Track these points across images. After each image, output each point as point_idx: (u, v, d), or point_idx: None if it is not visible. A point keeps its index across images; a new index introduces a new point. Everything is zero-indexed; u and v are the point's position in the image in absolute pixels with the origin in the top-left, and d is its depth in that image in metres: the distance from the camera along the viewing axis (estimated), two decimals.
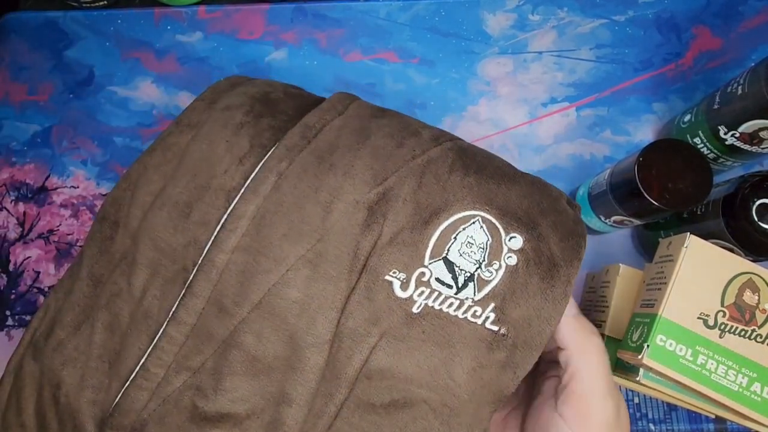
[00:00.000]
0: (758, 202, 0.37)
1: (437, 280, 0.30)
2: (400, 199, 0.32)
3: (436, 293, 0.30)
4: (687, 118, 0.45)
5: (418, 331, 0.30)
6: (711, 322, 0.34)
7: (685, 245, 0.35)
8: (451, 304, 0.30)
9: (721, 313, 0.34)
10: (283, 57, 0.54)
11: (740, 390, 0.33)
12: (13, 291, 0.48)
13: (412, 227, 0.31)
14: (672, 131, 0.48)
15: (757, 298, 0.35)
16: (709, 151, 0.43)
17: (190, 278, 0.31)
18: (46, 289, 0.49)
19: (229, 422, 0.29)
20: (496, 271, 0.31)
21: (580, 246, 0.32)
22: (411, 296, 0.30)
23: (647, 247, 0.46)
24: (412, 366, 0.30)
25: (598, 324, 0.42)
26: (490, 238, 0.31)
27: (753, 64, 0.40)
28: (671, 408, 0.44)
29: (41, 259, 0.49)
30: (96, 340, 0.31)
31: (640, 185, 0.38)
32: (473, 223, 0.31)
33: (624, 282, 0.41)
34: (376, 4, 0.55)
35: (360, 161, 0.33)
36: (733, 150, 0.42)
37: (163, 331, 0.31)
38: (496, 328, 0.30)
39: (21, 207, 0.50)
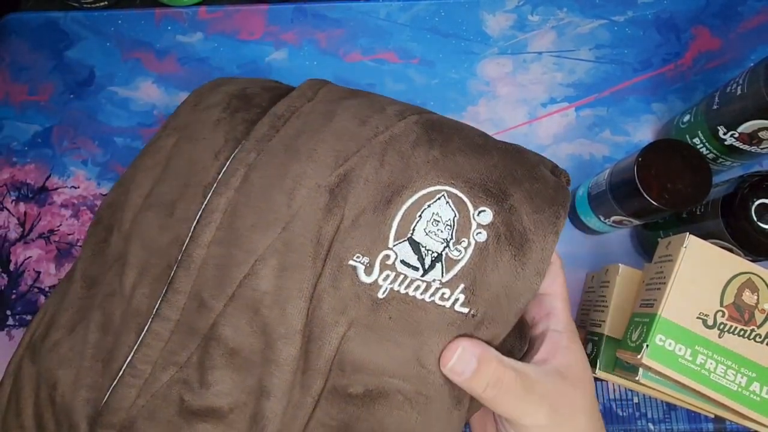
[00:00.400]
0: (757, 202, 0.37)
1: (402, 262, 0.29)
2: (362, 180, 0.30)
3: (402, 276, 0.29)
4: (686, 118, 0.45)
5: (385, 317, 0.29)
6: (710, 322, 0.34)
7: (684, 245, 0.35)
8: (417, 288, 0.29)
9: (720, 313, 0.35)
10: (284, 57, 0.54)
11: (739, 389, 0.34)
12: (14, 291, 0.48)
13: (374, 208, 0.30)
14: (671, 131, 0.48)
15: (756, 297, 0.35)
16: (708, 152, 0.44)
17: (172, 274, 0.31)
18: (47, 289, 0.49)
19: (215, 416, 0.29)
20: (465, 249, 0.29)
21: (557, 217, 0.30)
22: (376, 281, 0.29)
23: (647, 247, 0.46)
24: (383, 356, 0.28)
25: (598, 324, 0.42)
26: (457, 214, 0.29)
27: (752, 65, 0.40)
28: (671, 408, 0.44)
29: (42, 259, 0.49)
30: (90, 340, 0.31)
31: (639, 185, 0.38)
32: (438, 199, 0.30)
33: (623, 282, 0.41)
34: (376, 4, 0.55)
35: (323, 144, 0.32)
36: (732, 150, 0.42)
37: (148, 328, 0.30)
38: (466, 310, 0.28)
39: (22, 207, 0.50)
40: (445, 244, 0.29)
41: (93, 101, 0.53)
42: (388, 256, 0.29)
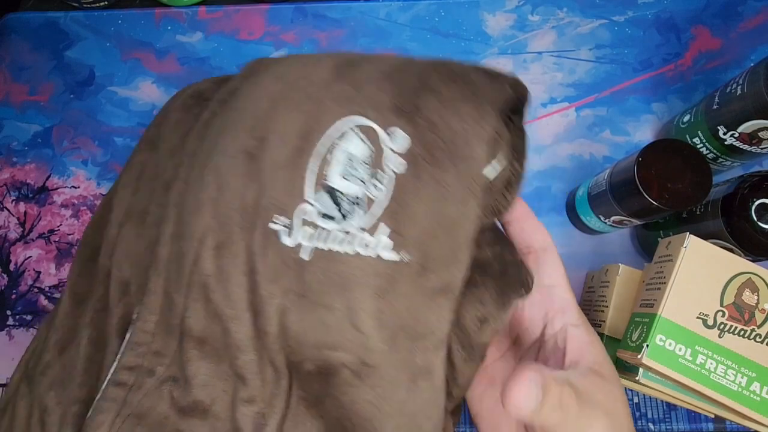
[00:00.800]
0: (757, 202, 0.37)
1: (323, 215, 0.25)
2: (278, 134, 0.27)
3: (323, 231, 0.25)
4: (686, 118, 0.45)
5: (313, 281, 0.25)
6: (710, 322, 0.34)
7: (684, 245, 0.35)
8: (341, 241, 0.25)
9: (720, 313, 0.34)
10: None
11: (739, 389, 0.34)
12: (14, 291, 0.48)
13: (288, 160, 0.26)
14: (671, 131, 0.48)
15: (756, 297, 0.35)
16: (708, 151, 0.44)
17: (150, 278, 0.30)
18: (47, 289, 0.49)
19: (200, 410, 0.27)
20: (383, 184, 0.25)
21: (480, 115, 0.25)
22: (299, 243, 0.25)
23: (647, 247, 0.46)
24: (318, 325, 0.25)
25: (598, 324, 0.42)
26: (371, 146, 0.25)
27: (752, 65, 0.40)
28: (671, 407, 0.44)
29: (42, 259, 0.49)
30: (82, 355, 0.31)
31: (639, 185, 0.38)
32: (347, 134, 0.26)
33: (623, 282, 0.41)
34: (376, 4, 0.55)
35: (246, 110, 0.29)
36: (732, 150, 0.42)
37: (129, 334, 0.29)
38: (395, 257, 0.24)
39: (22, 207, 0.50)
40: (363, 185, 0.25)
41: (93, 101, 0.53)
42: (305, 211, 0.25)
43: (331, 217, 0.25)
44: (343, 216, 0.25)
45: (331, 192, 0.26)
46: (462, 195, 0.25)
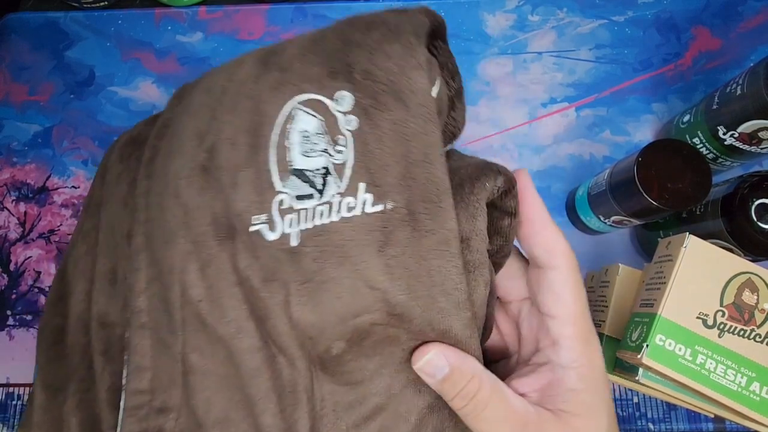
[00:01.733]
0: (757, 202, 0.37)
1: (298, 198, 0.25)
2: (226, 141, 0.27)
3: (303, 212, 0.25)
4: (686, 118, 0.45)
5: (310, 262, 0.25)
6: (710, 322, 0.34)
7: (684, 245, 0.35)
8: (322, 214, 0.25)
9: (720, 313, 0.35)
10: None
11: (739, 389, 0.34)
12: (14, 291, 0.48)
13: (246, 161, 0.26)
14: (671, 131, 0.48)
15: (756, 297, 0.35)
16: (708, 151, 0.44)
17: (133, 334, 0.29)
18: (47, 289, 0.49)
19: None
20: (344, 146, 0.25)
21: (409, 47, 0.25)
22: (283, 232, 0.25)
23: (646, 247, 0.46)
24: (333, 301, 0.25)
25: (598, 324, 0.42)
26: (321, 117, 0.25)
27: (752, 65, 0.40)
28: (671, 407, 0.44)
29: (42, 258, 0.49)
30: None
31: (639, 185, 0.38)
32: (295, 114, 0.26)
33: (623, 282, 0.41)
34: (376, 4, 0.55)
35: (186, 131, 0.29)
36: (732, 150, 0.42)
37: (125, 398, 0.28)
38: (380, 207, 0.24)
39: (22, 207, 0.50)
40: (326, 155, 0.25)
41: (93, 101, 0.53)
42: (281, 202, 0.25)
43: (308, 196, 0.25)
44: (320, 191, 0.25)
45: (299, 173, 0.25)
46: (421, 124, 0.25)
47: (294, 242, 0.25)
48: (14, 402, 0.45)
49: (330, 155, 0.25)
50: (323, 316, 0.25)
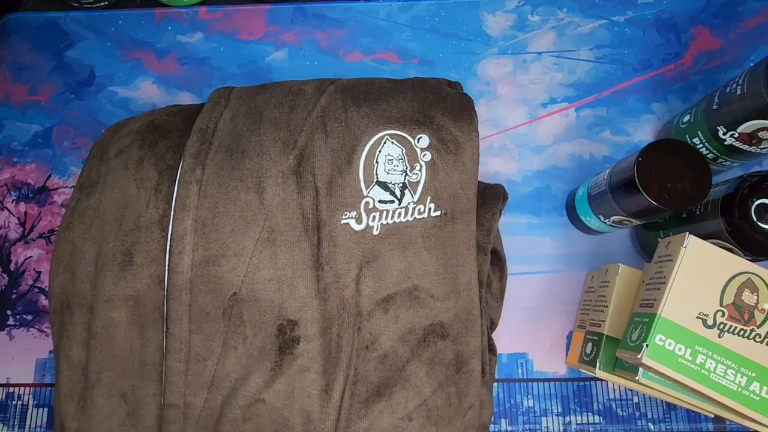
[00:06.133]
0: (757, 202, 0.37)
1: (380, 201, 0.35)
2: (317, 153, 0.36)
3: (385, 212, 0.35)
4: (686, 118, 0.45)
5: (385, 246, 0.35)
6: (710, 322, 0.34)
7: (684, 245, 0.35)
8: (400, 214, 0.35)
9: (720, 313, 0.35)
10: (284, 57, 0.54)
11: (739, 389, 0.34)
12: (15, 291, 0.48)
13: (339, 171, 0.35)
14: (671, 131, 0.48)
15: (755, 297, 0.35)
16: (708, 152, 0.44)
17: (165, 311, 0.33)
18: (47, 289, 0.49)
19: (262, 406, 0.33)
20: (420, 171, 0.36)
21: (471, 117, 0.38)
22: (367, 224, 0.35)
23: (646, 247, 0.46)
24: (393, 270, 0.35)
25: (598, 324, 0.42)
26: (403, 148, 0.36)
27: (752, 65, 0.40)
28: (671, 407, 0.44)
29: (42, 258, 0.49)
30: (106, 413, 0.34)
31: (639, 185, 0.38)
32: (384, 142, 0.36)
33: (623, 282, 0.41)
34: (377, 4, 0.55)
35: (266, 137, 0.36)
36: (732, 150, 0.42)
37: (165, 367, 0.33)
38: (439, 213, 0.36)
39: (22, 207, 0.50)
40: (404, 175, 0.36)
41: (93, 101, 0.53)
42: (368, 203, 0.35)
43: (388, 201, 0.36)
44: (398, 198, 0.36)
45: (382, 185, 0.36)
46: (470, 165, 0.37)
47: (376, 232, 0.35)
48: (14, 402, 0.45)
49: (407, 175, 0.36)
50: (382, 281, 0.35)
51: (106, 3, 0.56)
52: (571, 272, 0.47)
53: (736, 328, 0.34)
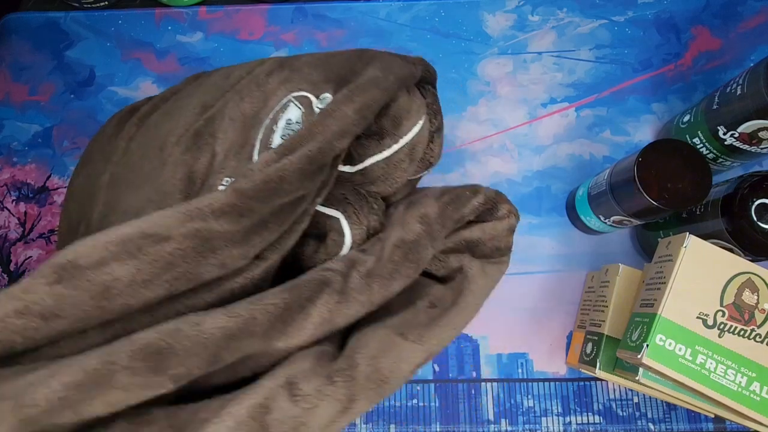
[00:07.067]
0: (757, 202, 0.37)
1: None
2: (226, 117, 0.33)
3: None
4: (686, 118, 0.45)
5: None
6: (710, 322, 0.34)
7: (684, 245, 0.35)
8: None
9: (720, 313, 0.35)
10: None
11: (739, 389, 0.34)
12: None
13: (240, 136, 0.33)
14: (671, 131, 0.48)
15: (756, 297, 0.35)
16: (708, 151, 0.44)
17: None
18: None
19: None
20: None
21: (391, 83, 0.32)
22: None
23: (647, 247, 0.46)
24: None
25: (598, 324, 0.42)
26: (302, 109, 0.32)
27: (752, 65, 0.40)
28: (671, 407, 0.44)
29: (42, 259, 0.49)
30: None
31: (639, 185, 0.38)
32: (288, 106, 0.33)
33: (623, 282, 0.41)
34: (377, 4, 0.55)
35: (192, 100, 0.35)
36: (732, 150, 0.42)
37: None
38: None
39: (22, 207, 0.50)
40: None
41: (93, 101, 0.53)
42: (252, 170, 0.30)
43: None
44: None
45: None
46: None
47: None
48: None
49: None
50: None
51: (106, 3, 0.56)
52: (571, 272, 0.47)
53: (736, 328, 0.34)
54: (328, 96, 0.32)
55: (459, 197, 0.35)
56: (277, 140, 0.32)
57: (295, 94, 0.33)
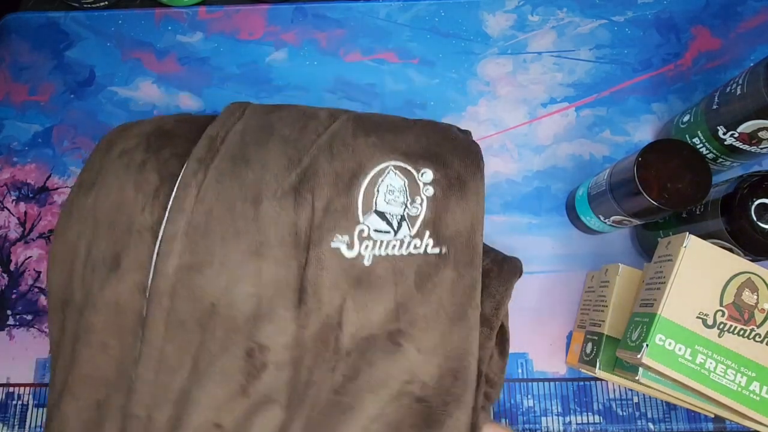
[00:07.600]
0: (757, 202, 0.37)
1: (376, 231, 0.34)
2: (320, 174, 0.35)
3: (379, 242, 0.34)
4: (686, 118, 0.45)
5: (375, 279, 0.33)
6: (710, 322, 0.34)
7: (684, 245, 0.35)
8: (394, 246, 0.34)
9: (720, 313, 0.35)
10: (284, 57, 0.54)
11: (739, 389, 0.34)
12: (15, 291, 0.48)
13: (338, 194, 0.35)
14: (671, 131, 0.48)
15: (755, 297, 0.35)
16: (708, 151, 0.44)
17: (145, 314, 0.32)
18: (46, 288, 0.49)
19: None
20: (420, 205, 0.35)
21: (478, 161, 0.37)
22: (359, 253, 0.34)
23: (646, 246, 0.46)
24: (380, 308, 0.33)
25: (598, 324, 0.42)
26: (406, 180, 0.35)
27: (752, 65, 0.40)
28: (671, 407, 0.44)
29: (42, 258, 0.49)
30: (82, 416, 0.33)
31: (639, 185, 0.38)
32: (388, 173, 0.35)
33: (623, 282, 0.41)
34: (376, 4, 0.55)
35: (273, 152, 0.36)
36: (732, 150, 0.42)
37: (135, 374, 0.32)
38: (437, 251, 0.34)
39: (22, 207, 0.50)
40: (404, 207, 0.35)
41: (93, 101, 0.53)
42: (362, 230, 0.34)
43: (384, 231, 0.34)
44: (395, 229, 0.34)
45: (380, 214, 0.35)
46: (474, 205, 0.36)
47: (367, 262, 0.34)
48: (14, 402, 0.45)
49: (407, 208, 0.35)
50: (367, 318, 0.33)
51: (106, 3, 0.56)
52: (571, 272, 0.47)
53: (736, 327, 0.34)
54: (428, 172, 0.35)
55: None
56: (380, 203, 0.34)
57: (393, 163, 0.35)
